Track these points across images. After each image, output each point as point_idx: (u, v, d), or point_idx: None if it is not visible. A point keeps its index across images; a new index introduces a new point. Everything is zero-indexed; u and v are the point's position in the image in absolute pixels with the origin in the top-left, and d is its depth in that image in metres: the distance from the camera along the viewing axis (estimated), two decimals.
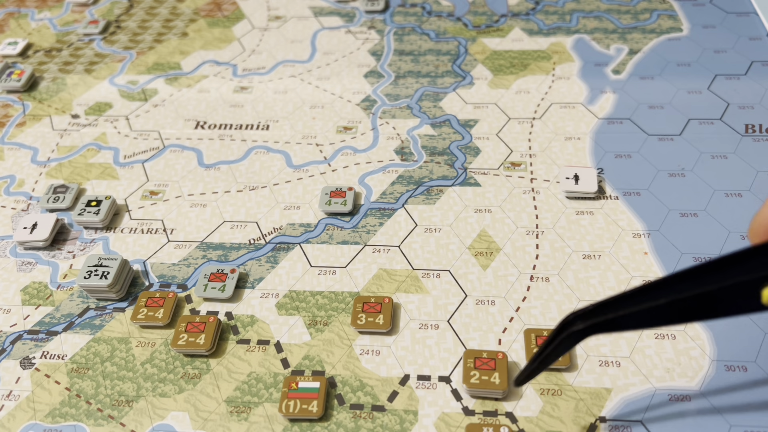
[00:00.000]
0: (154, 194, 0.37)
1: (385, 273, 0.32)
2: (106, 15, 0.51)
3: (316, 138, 0.40)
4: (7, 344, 0.31)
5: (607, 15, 0.47)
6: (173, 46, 0.48)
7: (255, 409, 0.28)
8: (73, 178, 0.38)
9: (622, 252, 0.32)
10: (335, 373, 0.29)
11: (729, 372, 0.28)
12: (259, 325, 0.31)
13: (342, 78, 0.44)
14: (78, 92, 0.44)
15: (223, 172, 0.38)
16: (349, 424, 0.27)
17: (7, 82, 0.44)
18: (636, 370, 0.28)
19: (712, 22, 0.46)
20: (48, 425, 0.28)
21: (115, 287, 0.31)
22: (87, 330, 0.31)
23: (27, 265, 0.34)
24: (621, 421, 0.26)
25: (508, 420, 0.27)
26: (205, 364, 0.29)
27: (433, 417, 0.27)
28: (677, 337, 0.29)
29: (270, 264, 0.33)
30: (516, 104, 0.41)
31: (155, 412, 0.28)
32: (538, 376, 0.28)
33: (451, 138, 0.39)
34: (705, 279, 0.21)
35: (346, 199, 0.35)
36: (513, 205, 0.35)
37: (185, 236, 0.35)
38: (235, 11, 0.51)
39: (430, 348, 0.29)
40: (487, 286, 0.31)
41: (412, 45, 0.46)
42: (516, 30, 0.46)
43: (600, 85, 0.41)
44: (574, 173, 0.35)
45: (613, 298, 0.22)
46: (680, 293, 0.21)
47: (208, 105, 0.42)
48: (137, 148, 0.40)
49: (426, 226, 0.34)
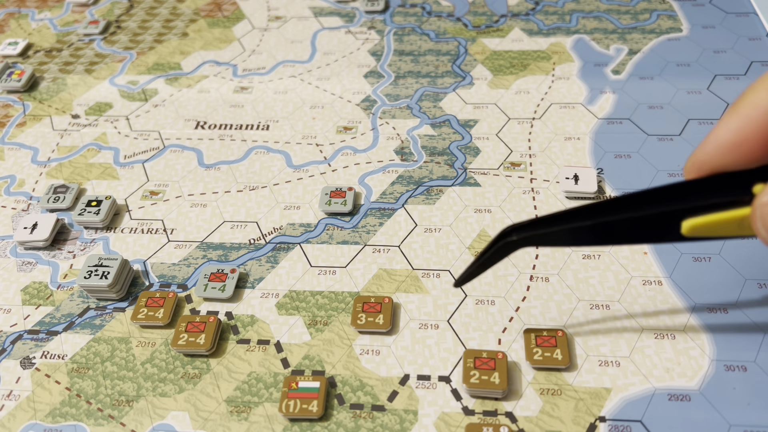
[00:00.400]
0: (155, 194, 0.37)
1: (385, 273, 0.32)
2: (106, 15, 0.51)
3: (316, 138, 0.40)
4: (8, 344, 0.31)
5: (607, 15, 0.47)
6: (173, 46, 0.48)
7: (255, 409, 0.28)
8: (74, 178, 0.38)
9: (622, 252, 0.32)
10: (335, 373, 0.29)
11: (729, 372, 0.28)
12: (259, 325, 0.31)
13: (342, 78, 0.44)
14: (78, 92, 0.44)
15: (223, 172, 0.38)
16: (349, 424, 0.27)
17: (7, 82, 0.44)
18: (636, 369, 0.28)
19: (711, 23, 0.46)
20: (48, 425, 0.28)
21: (115, 287, 0.32)
22: (87, 330, 0.31)
23: (27, 265, 0.34)
24: (621, 421, 0.26)
25: (508, 420, 0.27)
26: (206, 364, 0.29)
27: (433, 417, 0.27)
28: (677, 337, 0.29)
29: (270, 264, 0.33)
30: (516, 104, 0.41)
31: (155, 411, 0.28)
32: (538, 376, 0.28)
33: (450, 138, 0.39)
34: (633, 206, 0.23)
35: (346, 199, 0.35)
36: (513, 205, 0.35)
37: (185, 236, 0.35)
38: (235, 11, 0.51)
39: (430, 348, 0.29)
40: (487, 286, 0.31)
41: (412, 45, 0.46)
42: (516, 30, 0.46)
43: (600, 86, 0.41)
44: (574, 173, 0.35)
45: (548, 216, 0.24)
46: (607, 216, 0.23)
47: (208, 105, 0.42)
48: (137, 148, 0.40)
49: (426, 226, 0.34)
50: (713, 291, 0.30)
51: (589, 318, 0.30)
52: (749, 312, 0.29)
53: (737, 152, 0.21)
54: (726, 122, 0.21)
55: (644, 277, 0.31)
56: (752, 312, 0.29)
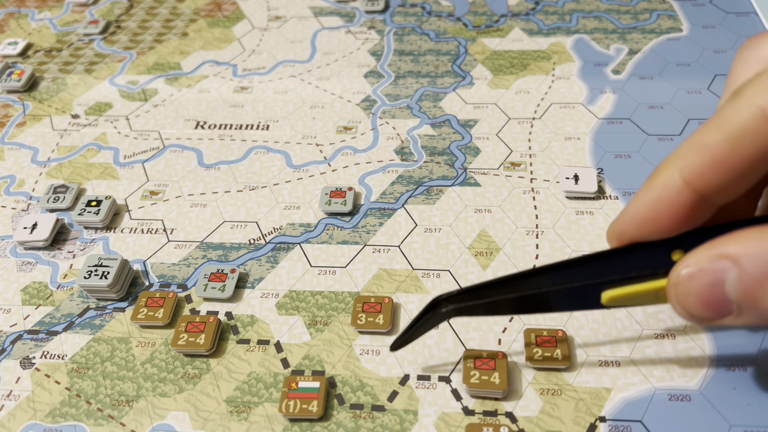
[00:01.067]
0: (154, 194, 0.37)
1: (385, 273, 0.32)
2: (106, 15, 0.51)
3: (316, 138, 0.40)
4: (7, 344, 0.31)
5: (607, 15, 0.47)
6: (173, 46, 0.48)
7: (255, 409, 0.28)
8: (73, 178, 0.38)
9: None
10: (335, 373, 0.29)
11: (729, 372, 0.28)
12: (259, 325, 0.31)
13: (342, 78, 0.44)
14: (78, 92, 0.44)
15: (223, 172, 0.38)
16: (349, 424, 0.27)
17: (7, 82, 0.44)
18: (636, 369, 0.28)
19: (711, 22, 0.46)
20: (48, 425, 0.28)
21: (115, 287, 0.32)
22: (87, 330, 0.31)
23: (27, 265, 0.34)
24: (621, 421, 0.26)
25: (508, 420, 0.27)
26: (205, 364, 0.29)
27: (433, 417, 0.27)
28: (677, 337, 0.29)
29: (270, 264, 0.33)
30: (516, 104, 0.41)
31: (155, 411, 0.28)
32: (538, 376, 0.28)
33: (450, 138, 0.39)
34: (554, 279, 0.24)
35: (346, 199, 0.35)
36: (513, 205, 0.35)
37: (185, 236, 0.35)
38: (235, 11, 0.51)
39: (430, 348, 0.29)
40: None
41: (412, 45, 0.46)
42: (516, 30, 0.46)
43: (600, 85, 0.41)
44: (574, 173, 0.35)
45: (474, 287, 0.25)
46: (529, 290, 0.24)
47: (208, 105, 0.42)
48: (137, 148, 0.40)
49: (426, 226, 0.34)
50: None
51: (589, 318, 0.30)
52: None
53: (652, 226, 0.22)
54: (641, 197, 0.22)
55: None
56: None
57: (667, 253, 0.22)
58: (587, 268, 0.23)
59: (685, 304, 0.21)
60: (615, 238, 0.24)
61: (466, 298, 0.25)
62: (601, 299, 0.23)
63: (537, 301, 0.24)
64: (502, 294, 0.24)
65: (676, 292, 0.21)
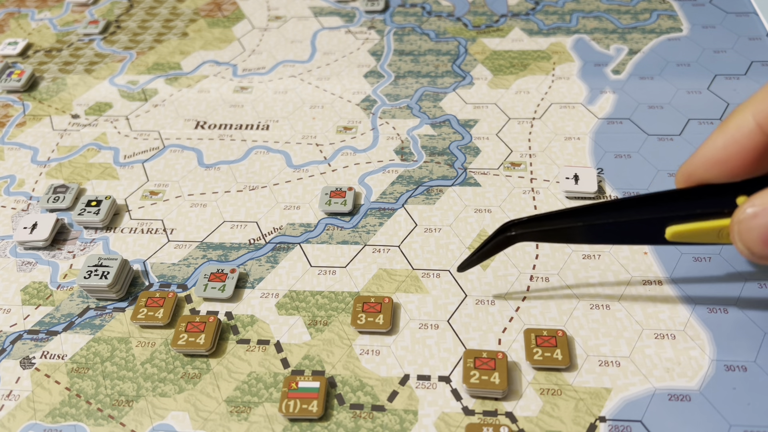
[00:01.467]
0: (154, 194, 0.37)
1: (385, 273, 0.32)
2: (106, 15, 0.51)
3: (316, 138, 0.40)
4: (7, 344, 0.31)
5: (607, 15, 0.47)
6: (173, 46, 0.48)
7: (255, 409, 0.28)
8: (73, 178, 0.38)
9: (622, 252, 0.32)
10: (335, 373, 0.29)
11: (729, 372, 0.28)
12: (259, 325, 0.31)
13: (342, 78, 0.44)
14: (78, 92, 0.44)
15: (223, 172, 0.38)
16: (349, 424, 0.27)
17: (7, 82, 0.44)
18: (636, 369, 0.28)
19: (711, 22, 0.46)
20: (48, 425, 0.28)
21: (115, 287, 0.32)
22: (87, 330, 0.31)
23: (27, 265, 0.34)
24: (621, 421, 0.26)
25: (508, 420, 0.27)
26: (205, 364, 0.29)
27: (433, 417, 0.27)
28: (677, 337, 0.29)
29: (270, 264, 0.33)
30: (516, 104, 0.41)
31: (155, 411, 0.28)
32: (538, 376, 0.28)
33: (450, 138, 0.39)
34: (624, 210, 0.25)
35: (346, 199, 0.35)
36: (513, 205, 0.35)
37: (185, 236, 0.35)
38: (235, 11, 0.51)
39: (430, 348, 0.29)
40: (486, 286, 0.31)
41: (412, 45, 0.46)
42: (516, 30, 0.46)
43: (600, 85, 0.41)
44: (574, 173, 0.35)
45: (545, 214, 0.26)
46: (599, 219, 0.25)
47: (208, 105, 0.42)
48: (137, 148, 0.40)
49: (426, 226, 0.34)
50: (713, 291, 0.30)
51: (589, 318, 0.30)
52: (749, 312, 0.29)
53: (722, 168, 0.23)
54: (714, 140, 0.23)
55: (644, 277, 0.31)
56: (752, 312, 0.29)
57: (732, 197, 0.23)
58: (654, 204, 0.24)
59: (747, 242, 0.22)
60: (684, 178, 0.24)
61: (536, 224, 0.26)
62: (665, 234, 0.24)
63: (603, 232, 0.25)
64: (569, 223, 0.25)
65: (739, 230, 0.22)
